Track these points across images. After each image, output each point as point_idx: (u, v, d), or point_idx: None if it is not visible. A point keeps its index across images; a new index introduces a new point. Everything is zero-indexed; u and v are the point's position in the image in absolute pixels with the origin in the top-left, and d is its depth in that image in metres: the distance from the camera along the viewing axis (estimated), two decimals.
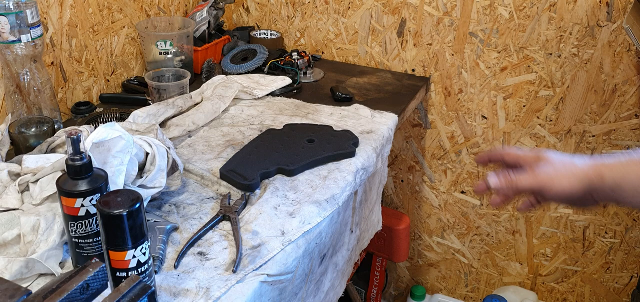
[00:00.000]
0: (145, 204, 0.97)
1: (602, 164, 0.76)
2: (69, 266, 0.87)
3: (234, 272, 0.86)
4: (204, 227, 0.95)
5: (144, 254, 0.73)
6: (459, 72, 1.68)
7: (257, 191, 1.07)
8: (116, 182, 0.89)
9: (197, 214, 1.01)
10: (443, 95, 1.73)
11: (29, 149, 1.09)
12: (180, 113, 1.32)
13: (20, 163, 1.00)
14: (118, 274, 0.73)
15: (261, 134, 1.25)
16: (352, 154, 1.18)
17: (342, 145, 1.19)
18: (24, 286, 0.67)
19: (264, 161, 1.14)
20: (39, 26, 1.19)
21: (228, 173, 1.10)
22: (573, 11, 1.48)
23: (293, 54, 1.67)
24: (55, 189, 0.89)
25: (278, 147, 1.18)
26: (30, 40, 1.18)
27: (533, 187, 0.77)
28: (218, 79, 1.48)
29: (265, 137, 1.24)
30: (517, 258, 1.86)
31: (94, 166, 0.80)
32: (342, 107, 1.44)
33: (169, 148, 1.03)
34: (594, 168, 0.76)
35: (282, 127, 1.28)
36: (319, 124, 1.31)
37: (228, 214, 0.98)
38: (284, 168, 1.12)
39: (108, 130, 0.92)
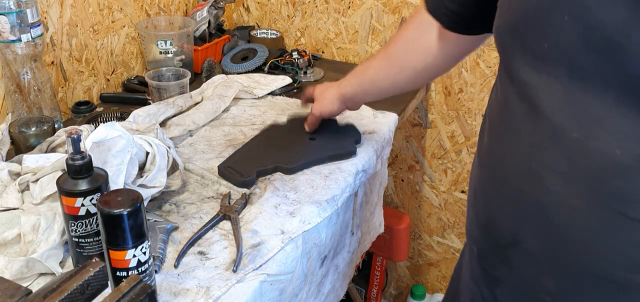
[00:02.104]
0: (145, 203, 0.97)
1: (343, 87, 1.15)
2: (69, 265, 0.87)
3: (234, 271, 0.86)
4: (204, 226, 0.95)
5: (144, 253, 0.73)
6: (459, 72, 1.68)
7: (257, 191, 1.07)
8: (116, 182, 0.89)
9: (197, 213, 1.01)
10: (443, 95, 1.73)
11: (29, 149, 1.09)
12: (181, 112, 1.32)
13: (20, 162, 1.00)
14: (118, 273, 0.73)
15: (264, 129, 1.25)
16: (353, 154, 1.18)
17: (344, 144, 1.19)
18: (24, 285, 0.67)
19: (262, 158, 1.14)
20: (39, 25, 1.19)
21: (225, 169, 1.10)
22: None
23: (293, 53, 1.67)
24: (55, 189, 0.89)
25: (279, 144, 1.18)
26: (30, 39, 1.18)
27: (318, 113, 1.19)
28: (218, 78, 1.48)
29: (267, 133, 1.24)
30: None
31: (94, 165, 0.80)
32: None
33: (169, 147, 1.03)
34: (339, 91, 1.15)
35: (285, 121, 1.28)
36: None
37: (228, 213, 0.98)
38: (282, 166, 1.12)
39: (108, 130, 0.92)
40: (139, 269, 0.73)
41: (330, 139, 1.21)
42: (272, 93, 1.51)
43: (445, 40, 0.92)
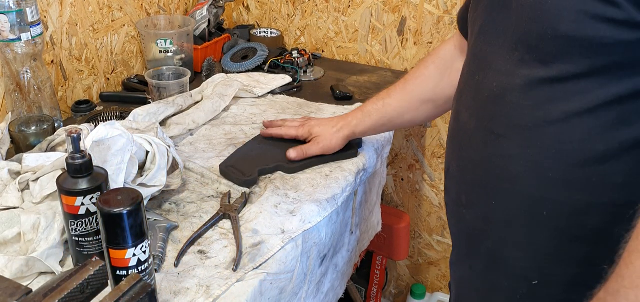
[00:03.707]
0: (145, 202, 0.97)
1: (352, 124, 1.15)
2: (69, 265, 0.87)
3: (234, 270, 0.86)
4: (204, 225, 0.95)
5: (144, 252, 0.73)
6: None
7: (257, 190, 1.07)
8: (116, 181, 0.89)
9: (197, 212, 1.01)
10: None
11: (29, 148, 1.09)
12: (181, 111, 1.32)
13: (20, 162, 1.00)
14: (118, 272, 0.73)
15: None
16: (354, 155, 1.18)
17: (346, 145, 1.19)
18: (24, 284, 0.67)
19: (264, 157, 1.14)
20: (38, 24, 1.19)
21: (227, 169, 1.10)
22: None
23: (293, 52, 1.67)
24: (55, 188, 0.89)
25: (280, 145, 1.18)
26: (30, 38, 1.18)
27: (318, 153, 1.14)
28: (218, 77, 1.48)
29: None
30: None
31: (94, 165, 0.80)
32: (345, 106, 1.44)
33: (169, 146, 1.03)
34: (348, 128, 1.15)
35: None
36: None
37: (228, 212, 0.98)
38: (283, 166, 1.12)
39: (108, 129, 0.92)
40: (139, 268, 0.73)
41: None
42: (273, 92, 1.51)
43: None
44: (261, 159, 1.13)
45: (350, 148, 1.18)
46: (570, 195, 0.71)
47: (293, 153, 1.13)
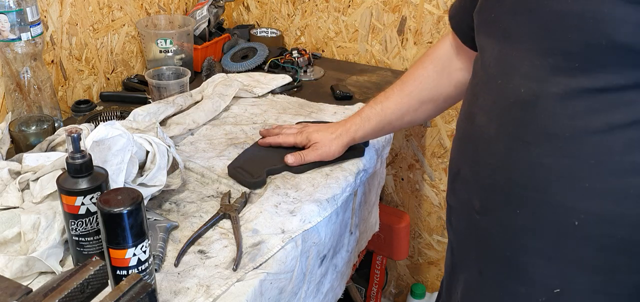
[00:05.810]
0: (145, 202, 0.97)
1: (351, 130, 1.13)
2: (69, 264, 0.87)
3: (234, 270, 0.86)
4: (204, 225, 0.95)
5: (144, 252, 0.73)
6: None
7: (258, 189, 1.07)
8: (116, 181, 0.90)
9: (197, 212, 1.01)
10: None
11: (29, 147, 1.09)
12: (181, 111, 1.32)
13: (20, 161, 1.00)
14: (118, 272, 0.73)
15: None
16: (360, 154, 1.17)
17: (348, 150, 1.17)
18: (24, 284, 0.67)
19: (271, 157, 1.13)
20: (39, 24, 1.19)
21: (235, 170, 1.09)
22: None
23: (293, 52, 1.67)
24: (55, 187, 0.89)
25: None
26: (30, 38, 1.18)
27: (317, 159, 1.13)
28: (218, 77, 1.48)
29: None
30: None
31: (94, 164, 0.80)
32: (346, 106, 1.44)
33: (169, 146, 1.03)
34: (347, 134, 1.13)
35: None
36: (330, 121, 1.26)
37: (228, 212, 0.98)
38: (291, 166, 1.11)
39: (108, 129, 0.93)
40: (139, 268, 0.73)
41: None
42: (273, 92, 1.51)
43: (467, 64, 1.02)
44: (268, 160, 1.12)
45: (355, 150, 1.17)
46: (605, 205, 0.70)
47: (291, 158, 1.11)
